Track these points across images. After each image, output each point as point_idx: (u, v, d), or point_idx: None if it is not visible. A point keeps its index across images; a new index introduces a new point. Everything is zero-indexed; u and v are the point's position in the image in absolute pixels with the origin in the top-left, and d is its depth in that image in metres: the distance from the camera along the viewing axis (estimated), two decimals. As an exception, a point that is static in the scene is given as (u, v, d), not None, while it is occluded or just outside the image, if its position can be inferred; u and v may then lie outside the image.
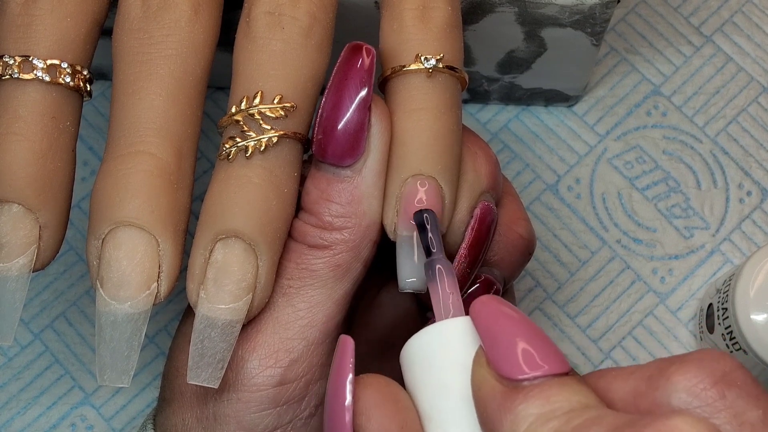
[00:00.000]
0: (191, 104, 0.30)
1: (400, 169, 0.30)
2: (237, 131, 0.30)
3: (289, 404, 0.30)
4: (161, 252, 0.29)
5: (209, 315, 0.29)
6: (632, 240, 0.42)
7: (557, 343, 0.41)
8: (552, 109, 0.44)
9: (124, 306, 0.29)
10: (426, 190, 0.30)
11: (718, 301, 0.38)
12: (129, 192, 0.29)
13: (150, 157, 0.29)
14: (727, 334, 0.37)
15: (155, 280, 0.29)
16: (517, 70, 0.41)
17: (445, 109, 0.30)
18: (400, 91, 0.30)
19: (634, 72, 0.44)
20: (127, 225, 0.29)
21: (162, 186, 0.29)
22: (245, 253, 0.29)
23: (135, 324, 0.29)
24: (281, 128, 0.29)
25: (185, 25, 0.30)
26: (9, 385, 0.41)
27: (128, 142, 0.29)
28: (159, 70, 0.29)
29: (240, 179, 0.29)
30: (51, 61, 0.29)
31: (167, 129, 0.29)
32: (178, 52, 0.30)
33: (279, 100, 0.30)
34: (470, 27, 0.38)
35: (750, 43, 0.45)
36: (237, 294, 0.29)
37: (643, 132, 0.44)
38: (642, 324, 0.41)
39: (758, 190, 0.43)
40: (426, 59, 0.30)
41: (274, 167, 0.30)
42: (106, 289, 0.29)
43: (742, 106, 0.44)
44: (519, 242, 0.33)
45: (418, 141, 0.30)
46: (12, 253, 0.29)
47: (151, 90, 0.29)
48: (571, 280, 0.42)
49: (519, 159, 0.43)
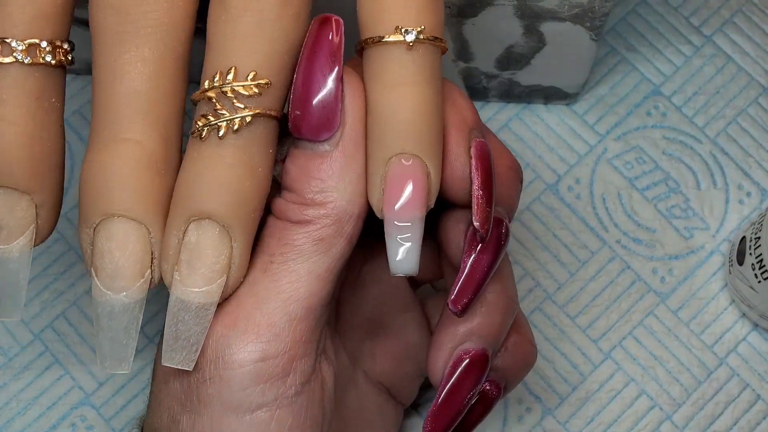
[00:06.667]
0: (174, 84, 0.29)
1: (383, 148, 0.29)
2: (210, 109, 0.29)
3: (272, 381, 0.30)
4: (153, 239, 0.29)
5: (183, 298, 0.29)
6: (632, 240, 0.42)
7: (557, 343, 0.41)
8: (552, 107, 0.44)
9: (119, 296, 0.29)
10: (411, 167, 0.29)
11: (752, 232, 0.39)
12: (117, 183, 0.29)
13: (136, 145, 0.29)
14: (757, 263, 0.38)
15: (149, 267, 0.29)
16: (516, 66, 0.41)
17: (427, 83, 0.29)
18: (379, 64, 0.29)
19: (634, 71, 0.44)
20: (117, 216, 0.29)
21: (150, 175, 0.29)
22: (219, 235, 0.29)
23: (131, 313, 0.29)
24: (255, 106, 0.29)
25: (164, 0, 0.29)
26: (9, 385, 0.41)
27: (113, 129, 0.29)
28: (139, 51, 0.29)
29: (213, 159, 0.29)
30: (30, 40, 0.29)
31: (152, 113, 0.29)
32: (157, 30, 0.29)
33: (253, 77, 0.29)
34: (469, 21, 0.38)
35: (750, 43, 0.45)
36: (210, 277, 0.29)
37: (643, 132, 0.44)
38: (642, 324, 0.41)
39: (758, 190, 0.43)
40: (406, 31, 0.29)
41: (248, 146, 0.29)
42: (101, 279, 0.29)
43: (742, 106, 0.44)
44: (510, 173, 0.33)
45: (401, 118, 0.29)
46: (12, 235, 0.30)
47: (132, 73, 0.29)
48: (571, 280, 0.42)
49: (519, 159, 0.43)
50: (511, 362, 0.33)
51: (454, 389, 0.32)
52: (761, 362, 0.41)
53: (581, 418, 0.40)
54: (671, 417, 0.40)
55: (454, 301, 0.31)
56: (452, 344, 0.32)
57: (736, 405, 0.40)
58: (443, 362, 0.32)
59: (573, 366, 0.41)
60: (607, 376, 0.41)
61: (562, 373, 0.41)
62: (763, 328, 0.41)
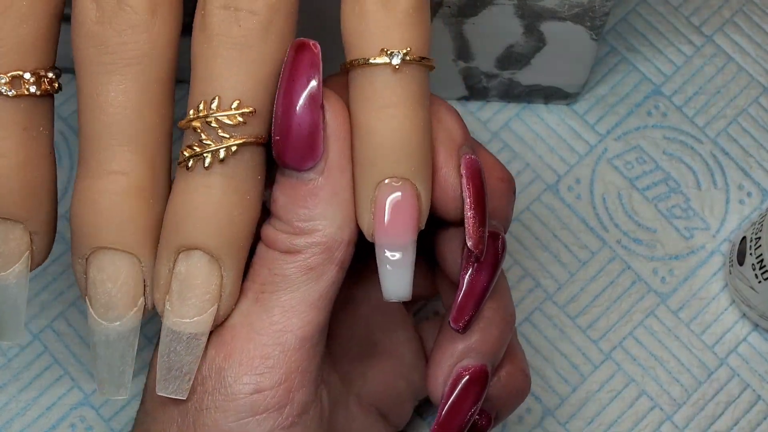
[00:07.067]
0: (160, 111, 0.29)
1: (372, 172, 0.29)
2: (195, 139, 0.29)
3: (269, 413, 0.30)
4: (144, 268, 0.29)
5: (174, 329, 0.29)
6: (632, 240, 0.42)
7: (557, 343, 0.41)
8: (552, 107, 0.44)
9: (114, 325, 0.29)
10: (401, 193, 0.29)
11: (753, 232, 0.39)
12: (105, 217, 0.29)
13: (123, 177, 0.29)
14: (758, 263, 0.38)
15: (141, 295, 0.30)
16: (516, 65, 0.41)
17: (415, 104, 0.29)
18: (365, 86, 0.29)
19: (634, 71, 0.44)
20: (108, 249, 0.29)
21: (138, 206, 0.29)
22: (209, 266, 0.29)
23: (126, 341, 0.30)
24: (241, 135, 0.29)
25: (143, 29, 0.28)
26: (8, 385, 0.41)
27: (99, 160, 0.29)
28: (121, 81, 0.28)
29: (200, 189, 0.29)
30: (13, 73, 0.29)
31: (137, 143, 0.29)
32: (138, 59, 0.28)
33: (237, 106, 0.28)
34: (469, 20, 0.38)
35: (751, 42, 0.45)
36: (201, 307, 0.29)
37: (643, 132, 0.44)
38: (643, 324, 0.41)
39: (758, 190, 0.43)
40: (392, 54, 0.28)
41: (236, 175, 0.29)
42: (95, 309, 0.30)
43: (742, 106, 0.44)
44: (502, 186, 0.32)
45: (390, 141, 0.29)
46: (7, 263, 0.30)
47: (116, 103, 0.28)
48: (572, 281, 0.42)
49: (519, 159, 0.43)
50: (503, 392, 0.33)
51: (455, 406, 0.32)
52: (761, 362, 0.41)
53: (581, 419, 0.40)
54: (671, 417, 0.40)
55: (456, 319, 0.31)
56: (451, 361, 0.32)
57: (737, 405, 0.40)
58: (443, 379, 0.32)
59: (573, 366, 0.41)
60: (607, 376, 0.41)
61: (563, 373, 0.41)
62: (764, 329, 0.41)
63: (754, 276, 0.38)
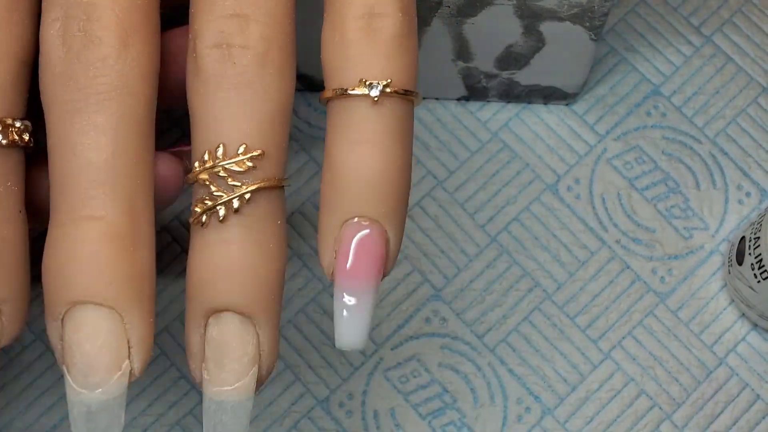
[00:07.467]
0: (137, 151, 0.27)
1: (340, 208, 0.27)
2: (205, 192, 0.27)
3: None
4: (128, 326, 0.26)
5: (216, 399, 0.27)
6: (632, 240, 0.42)
7: (557, 342, 0.41)
8: (552, 107, 0.44)
9: (95, 394, 0.26)
10: (368, 236, 0.27)
11: (752, 232, 0.39)
12: (79, 266, 0.26)
13: (98, 222, 0.26)
14: (756, 263, 0.38)
15: (126, 357, 0.26)
16: (515, 65, 0.41)
17: (393, 141, 0.27)
18: (342, 118, 0.27)
19: (633, 71, 0.44)
20: (84, 303, 0.26)
21: (116, 253, 0.26)
22: (242, 326, 0.27)
23: (111, 411, 0.26)
24: (253, 181, 0.27)
25: (114, 62, 0.26)
26: (9, 385, 0.41)
27: (71, 206, 0.26)
28: (93, 120, 0.26)
29: (218, 246, 0.27)
30: None
31: (112, 185, 0.26)
32: (110, 96, 0.26)
33: (244, 150, 0.26)
34: (468, 20, 0.38)
35: (750, 43, 0.45)
36: (241, 371, 0.27)
37: (642, 132, 0.44)
38: (642, 324, 0.41)
39: (757, 191, 0.43)
40: (370, 85, 0.27)
41: (254, 224, 0.27)
42: (73, 376, 0.26)
43: (741, 106, 0.44)
44: None
45: (362, 179, 0.27)
46: None
47: (87, 144, 0.26)
48: (571, 280, 0.42)
49: (519, 159, 0.43)
50: None
51: None
52: (760, 362, 0.41)
53: (581, 418, 0.40)
54: (671, 417, 0.40)
55: None
56: None
57: (736, 405, 0.40)
58: None
59: (572, 366, 0.41)
60: (606, 375, 0.41)
61: (562, 372, 0.41)
62: (763, 328, 0.41)
63: (753, 276, 0.38)
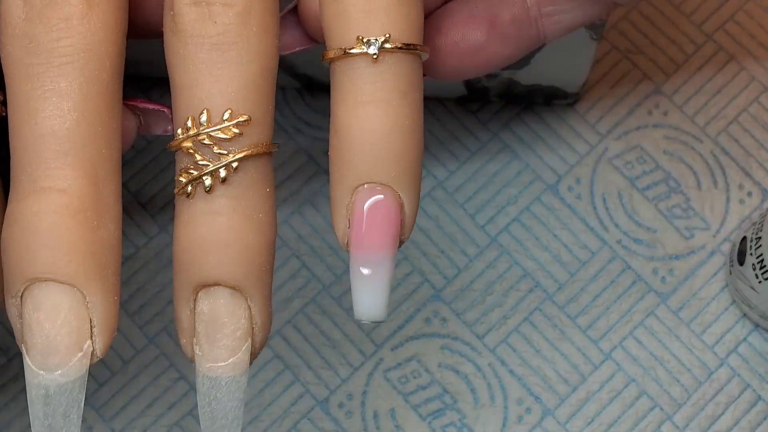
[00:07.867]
0: (102, 118, 0.25)
1: (349, 174, 0.26)
2: (190, 161, 0.26)
3: None
4: (90, 304, 0.25)
5: (210, 375, 0.26)
6: (633, 240, 0.42)
7: (557, 343, 0.41)
8: (553, 107, 0.44)
9: (54, 376, 0.25)
10: (380, 201, 0.26)
11: (753, 232, 0.39)
12: (38, 241, 0.24)
13: (58, 195, 0.25)
14: (758, 263, 0.38)
15: (88, 337, 0.25)
16: (515, 65, 0.41)
17: (399, 99, 0.26)
18: (344, 80, 0.26)
19: (635, 70, 0.44)
20: (43, 281, 0.25)
21: (77, 227, 0.25)
22: (233, 300, 0.26)
23: (70, 394, 0.25)
24: (240, 148, 0.26)
25: (78, 23, 0.25)
26: (8, 386, 0.41)
27: (31, 177, 0.25)
28: (54, 85, 0.25)
29: (206, 217, 0.26)
30: None
31: (75, 155, 0.25)
32: (73, 59, 0.25)
33: (230, 116, 0.25)
34: (469, 23, 0.38)
35: (752, 41, 0.44)
36: (234, 346, 0.26)
37: (644, 131, 0.44)
38: (643, 324, 0.41)
39: (759, 190, 0.43)
40: (368, 43, 0.25)
41: (242, 194, 0.26)
42: (31, 356, 0.25)
43: (743, 105, 0.44)
44: None
45: (369, 141, 0.26)
46: None
47: (48, 111, 0.25)
48: (572, 281, 0.42)
49: (519, 159, 0.43)
50: None
51: None
52: (762, 363, 0.41)
53: (581, 419, 0.40)
54: (672, 417, 0.40)
55: None
56: None
57: (737, 405, 0.40)
58: None
59: (573, 366, 0.41)
60: (607, 376, 0.41)
61: (563, 373, 0.41)
62: (764, 329, 0.41)
63: (755, 276, 0.38)
